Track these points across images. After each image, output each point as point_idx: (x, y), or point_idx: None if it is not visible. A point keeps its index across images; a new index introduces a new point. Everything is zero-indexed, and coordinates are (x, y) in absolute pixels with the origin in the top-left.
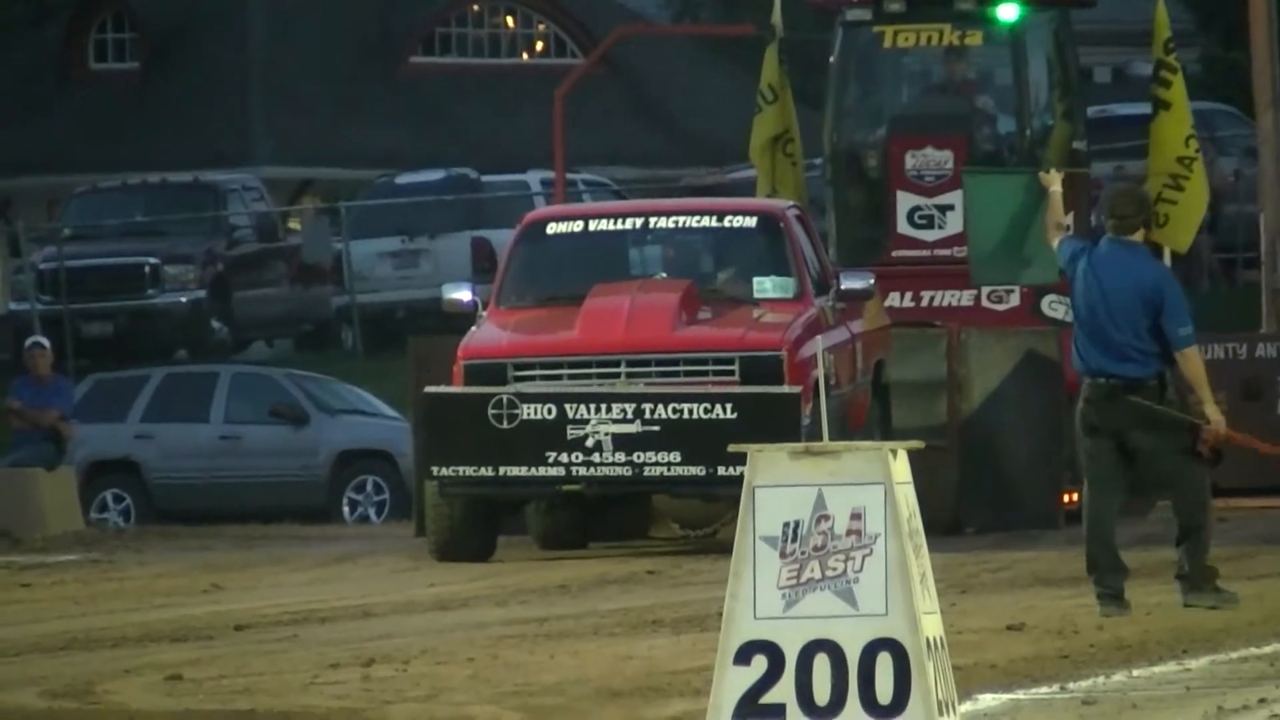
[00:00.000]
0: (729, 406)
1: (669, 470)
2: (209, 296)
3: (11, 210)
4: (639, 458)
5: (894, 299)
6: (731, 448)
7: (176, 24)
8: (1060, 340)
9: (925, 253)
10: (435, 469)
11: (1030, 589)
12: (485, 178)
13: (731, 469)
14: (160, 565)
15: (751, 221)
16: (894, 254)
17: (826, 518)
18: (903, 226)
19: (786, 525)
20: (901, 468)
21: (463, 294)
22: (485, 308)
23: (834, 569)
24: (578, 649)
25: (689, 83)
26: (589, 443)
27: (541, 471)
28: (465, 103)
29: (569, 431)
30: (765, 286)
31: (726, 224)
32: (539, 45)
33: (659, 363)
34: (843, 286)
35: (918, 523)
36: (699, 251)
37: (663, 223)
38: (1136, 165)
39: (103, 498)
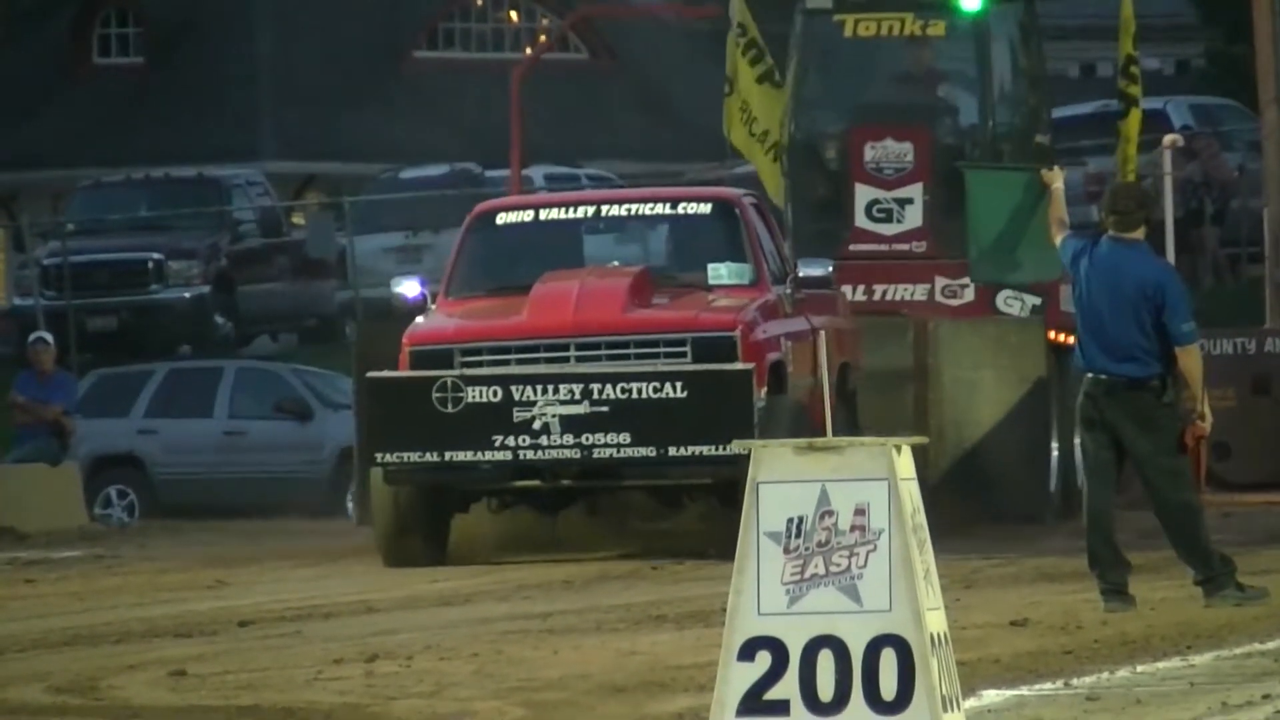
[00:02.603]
0: (679, 385)
1: (619, 452)
2: (213, 291)
3: (16, 205)
4: (588, 439)
5: (846, 292)
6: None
7: (181, 19)
8: (1044, 334)
9: (884, 247)
10: (379, 455)
11: (1034, 584)
12: (489, 172)
13: (683, 449)
14: (164, 561)
15: (706, 208)
16: (852, 247)
17: (830, 513)
18: (861, 220)
19: (790, 521)
20: (905, 463)
21: (410, 288)
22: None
23: (838, 565)
24: (581, 644)
25: (693, 76)
26: (536, 425)
27: (488, 455)
28: (468, 97)
29: (515, 414)
30: (720, 273)
31: (681, 210)
32: (542, 40)
33: (609, 345)
34: (801, 274)
35: (921, 518)
36: (654, 239)
37: (615, 210)
38: (1139, 159)
39: (107, 493)
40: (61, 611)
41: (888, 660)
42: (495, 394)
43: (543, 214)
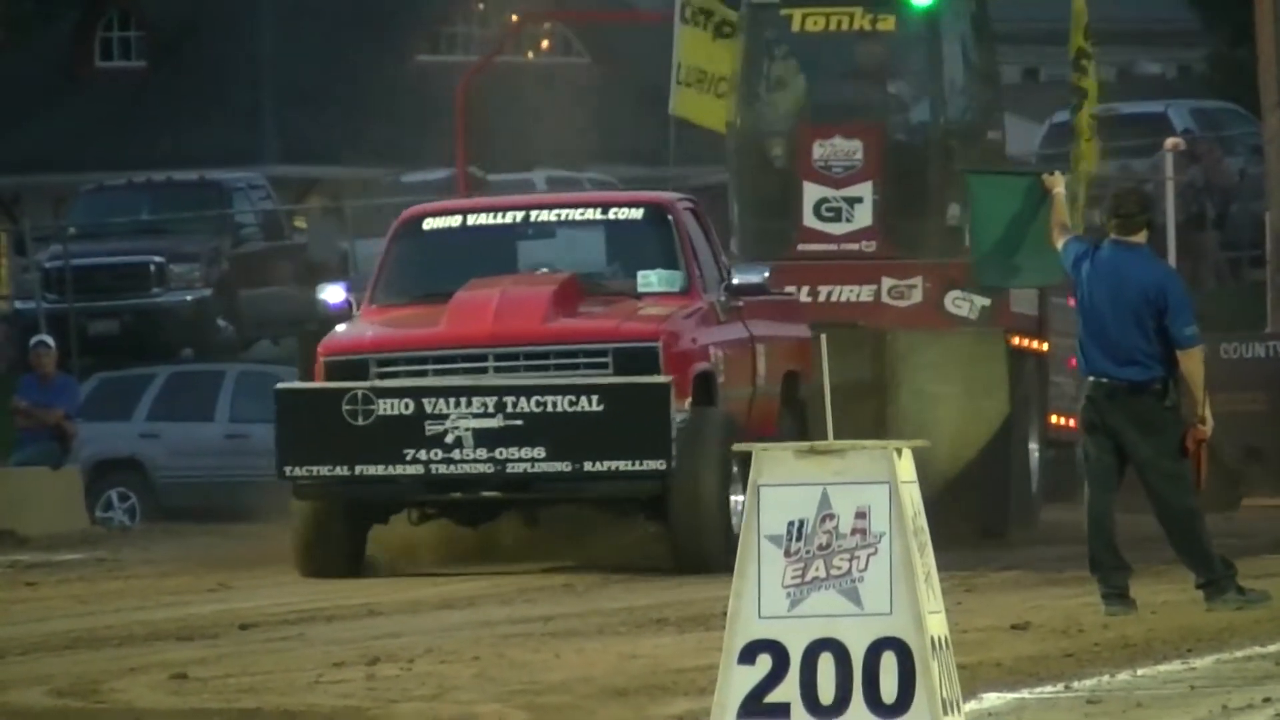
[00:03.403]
0: (595, 398)
1: (533, 466)
2: (215, 295)
3: (18, 208)
4: (501, 454)
5: (790, 292)
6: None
7: (183, 22)
8: (1005, 344)
9: (832, 246)
10: (288, 469)
11: (1035, 588)
12: (491, 176)
13: (599, 464)
14: (166, 564)
15: (638, 213)
16: (800, 247)
17: (831, 516)
18: (809, 219)
19: (791, 524)
20: (906, 466)
21: (334, 294)
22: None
23: (839, 568)
24: (583, 647)
25: None
26: (449, 439)
27: (400, 470)
28: (471, 101)
29: (428, 427)
30: (650, 280)
31: (612, 216)
32: (544, 44)
33: (528, 356)
34: (734, 281)
35: (922, 521)
36: (586, 245)
37: (545, 216)
38: (1141, 163)
39: (108, 496)
40: (63, 614)
41: (888, 663)
42: (407, 407)
43: (471, 220)
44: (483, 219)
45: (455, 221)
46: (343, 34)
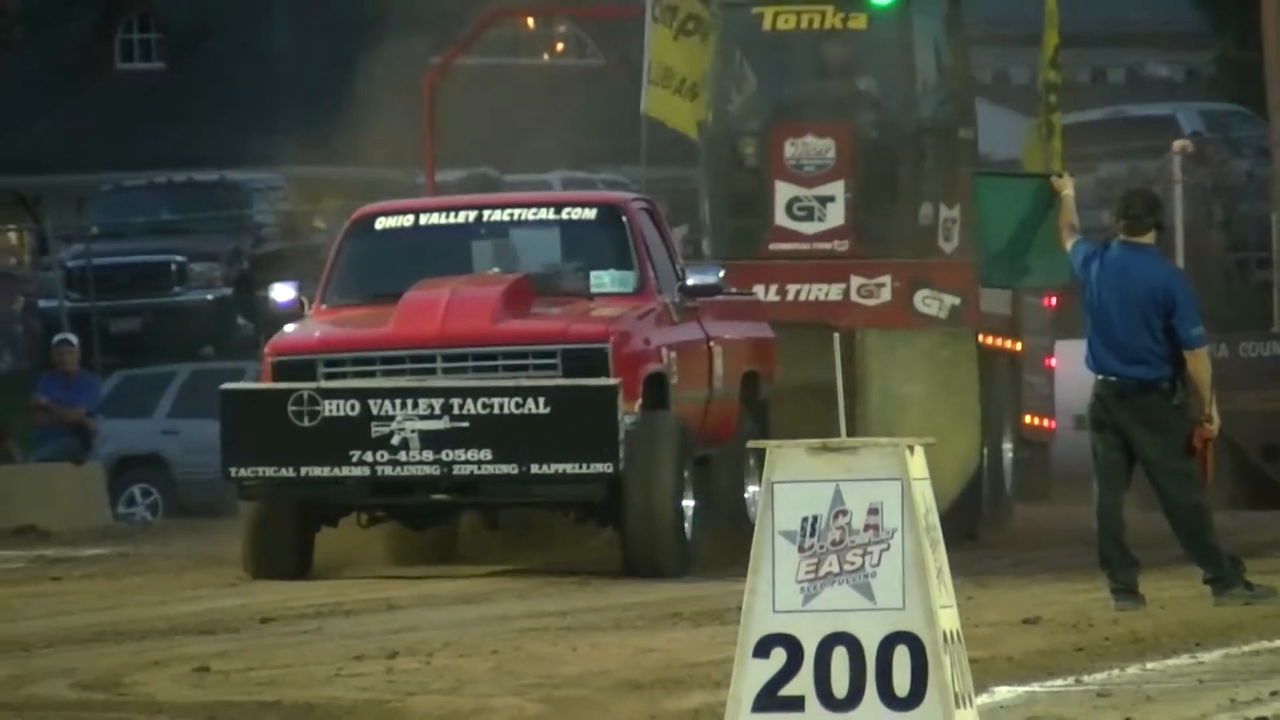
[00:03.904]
0: (542, 400)
1: (479, 469)
2: (234, 294)
3: (39, 208)
4: (447, 455)
5: (759, 292)
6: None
7: (200, 25)
8: (974, 345)
9: (804, 246)
10: (233, 470)
11: (1045, 584)
12: (506, 177)
13: (545, 467)
14: (186, 559)
15: (591, 213)
16: (772, 247)
17: (844, 513)
18: (781, 218)
19: (805, 520)
20: (918, 464)
21: (284, 293)
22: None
23: (852, 563)
24: (599, 642)
25: None
26: (395, 440)
27: (345, 471)
28: (485, 102)
29: (374, 429)
30: (603, 280)
31: (565, 216)
32: (559, 46)
33: (476, 357)
34: (688, 282)
35: (934, 518)
36: (539, 245)
37: (497, 215)
38: (1150, 166)
39: (130, 492)
40: (86, 609)
41: (901, 657)
42: (353, 408)
43: (423, 219)
44: (435, 219)
45: (408, 221)
46: (356, 35)
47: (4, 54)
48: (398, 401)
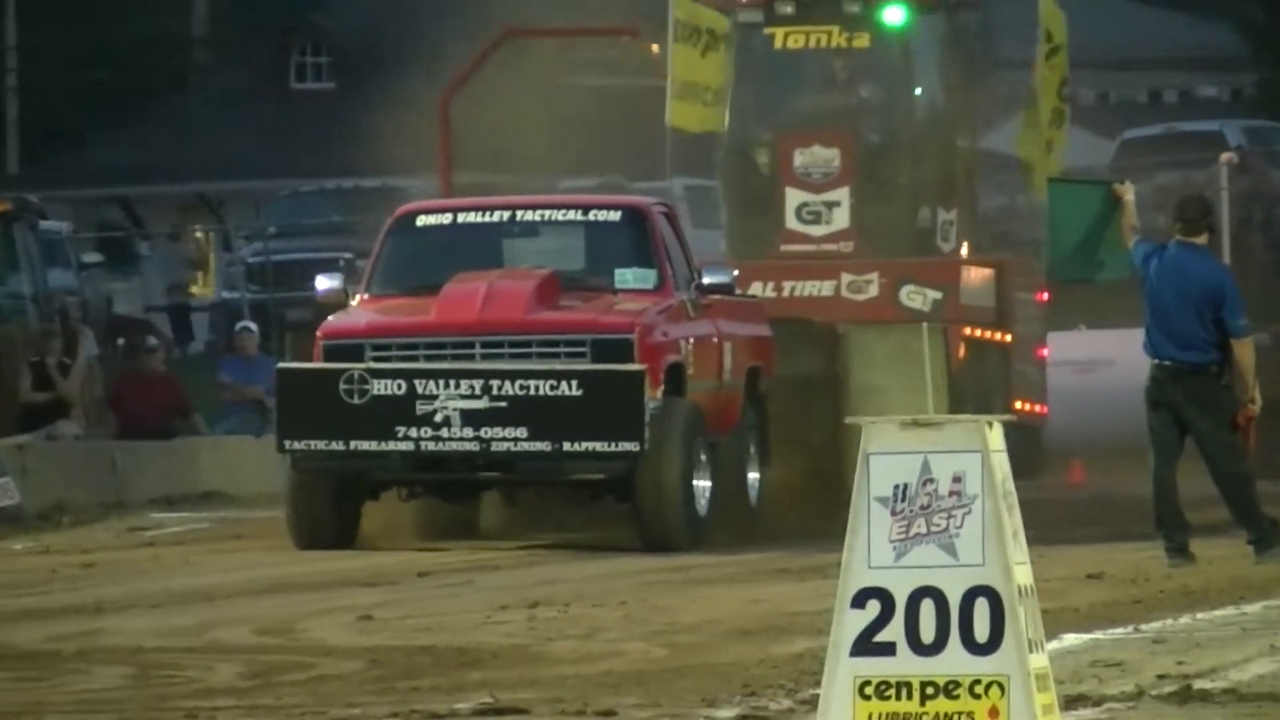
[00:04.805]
0: (574, 383)
1: (515, 445)
2: None
3: (224, 210)
4: (486, 433)
5: (755, 288)
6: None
7: (366, 51)
8: (946, 336)
9: (812, 247)
10: (287, 443)
11: (1107, 543)
12: (636, 184)
13: (577, 445)
14: None
15: (616, 215)
16: (783, 248)
17: (931, 481)
18: (791, 222)
19: (896, 487)
20: (996, 437)
21: (324, 283)
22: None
23: (938, 525)
24: (714, 594)
25: None
26: (438, 418)
27: (390, 446)
28: (618, 115)
29: (418, 407)
30: (626, 277)
31: (591, 217)
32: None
33: (512, 344)
34: (703, 281)
35: (1010, 485)
36: (566, 243)
37: (529, 215)
38: (1200, 175)
39: None
40: (263, 564)
41: (981, 608)
42: (399, 387)
43: (461, 218)
44: (471, 217)
45: (446, 219)
46: (499, 59)
47: (194, 75)
48: (441, 382)
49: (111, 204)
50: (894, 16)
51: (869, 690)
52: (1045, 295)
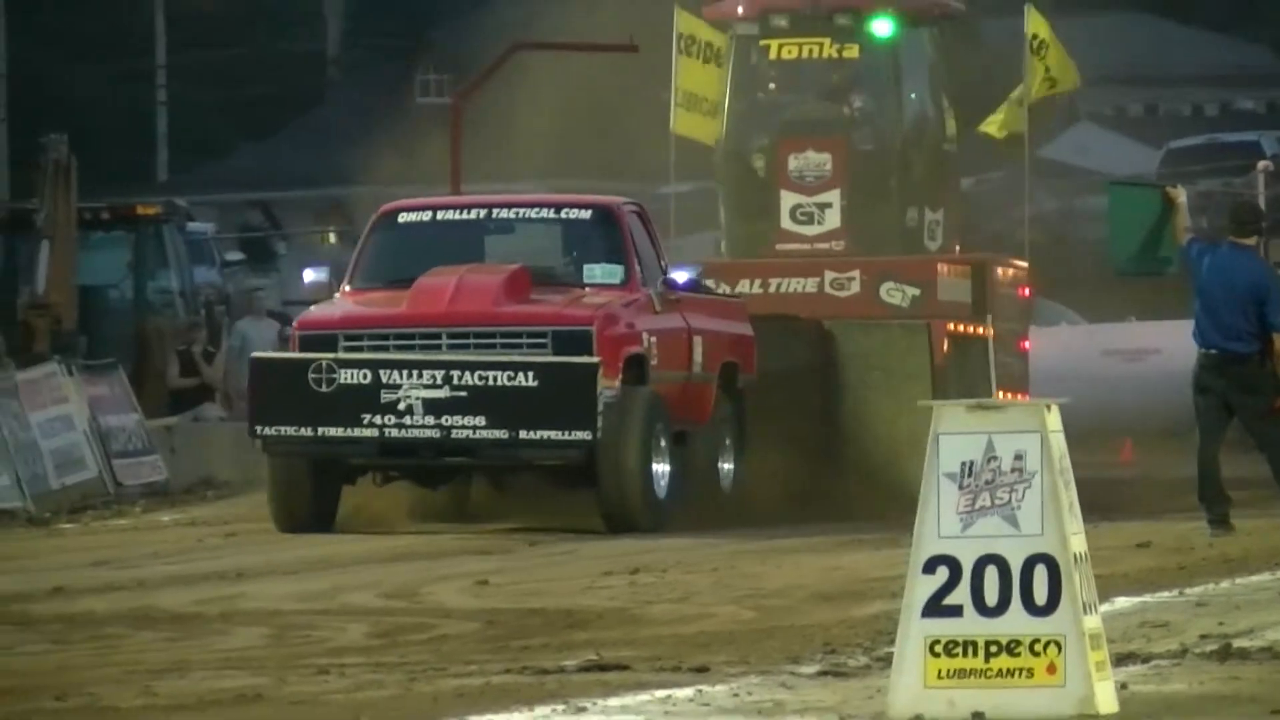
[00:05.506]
0: (531, 374)
1: (475, 433)
2: None
3: (351, 210)
4: (447, 420)
5: (743, 286)
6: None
7: (479, 68)
8: (931, 335)
9: (806, 246)
10: (259, 428)
11: (1154, 515)
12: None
13: (533, 433)
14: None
15: (586, 214)
16: (778, 247)
17: (995, 458)
18: (786, 222)
19: (963, 464)
20: (1054, 419)
21: (310, 276)
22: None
23: (1001, 499)
24: (798, 561)
25: None
26: (401, 406)
27: (356, 433)
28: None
29: (383, 395)
30: (595, 273)
31: (563, 215)
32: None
33: (477, 335)
34: (668, 275)
35: (1067, 462)
36: (540, 240)
37: (504, 213)
38: (1239, 181)
39: None
40: (388, 534)
41: (1040, 574)
42: (365, 376)
43: (440, 215)
44: (450, 215)
45: (426, 216)
46: (604, 78)
47: (328, 91)
48: (404, 372)
49: (252, 208)
50: (882, 29)
51: (938, 648)
52: (1027, 291)
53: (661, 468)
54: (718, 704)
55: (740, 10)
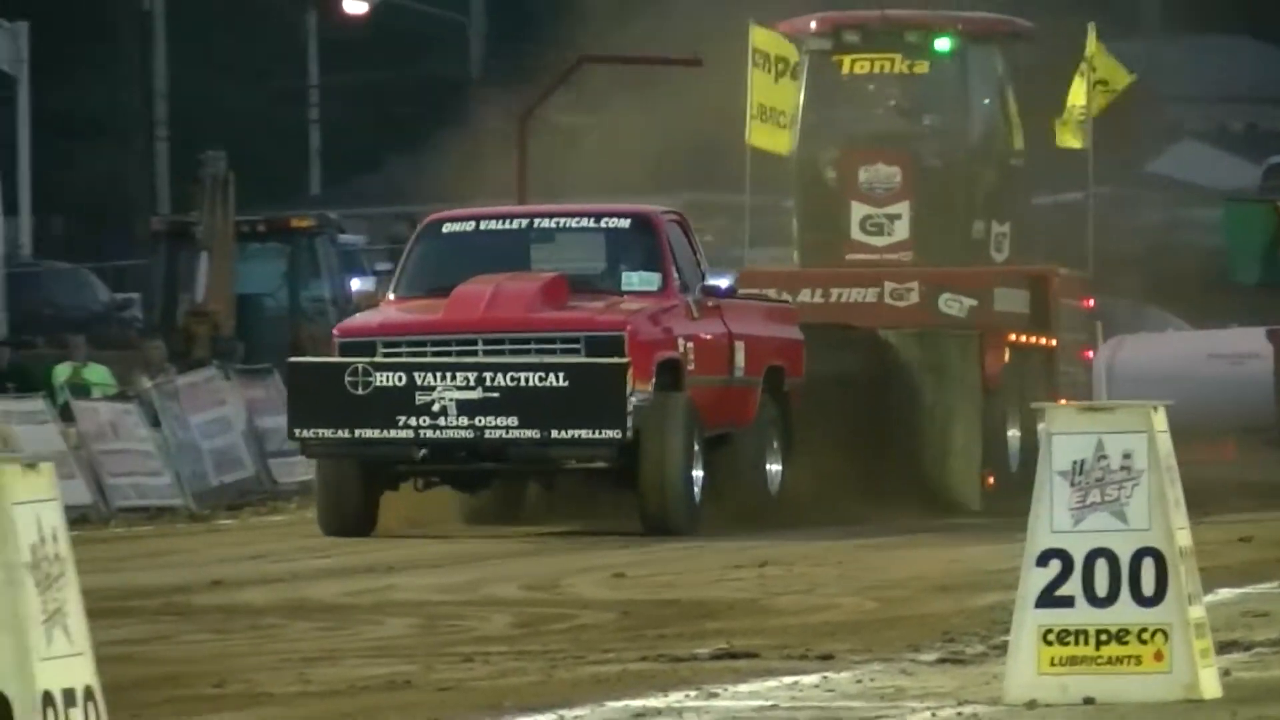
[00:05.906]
0: (562, 375)
1: (507, 433)
2: None
3: None
4: (480, 421)
5: (805, 295)
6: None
7: (608, 87)
8: (983, 344)
9: (875, 256)
10: (297, 431)
11: (1256, 511)
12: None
13: (564, 432)
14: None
15: (625, 223)
16: (848, 257)
17: (1104, 457)
18: (855, 233)
19: (1075, 462)
20: (1160, 420)
21: (366, 286)
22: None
23: (1110, 495)
24: (918, 555)
25: None
26: (435, 408)
27: (392, 434)
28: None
29: (417, 397)
30: (632, 280)
31: (603, 225)
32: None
33: (513, 341)
34: (706, 283)
35: (1173, 461)
36: (581, 249)
37: (545, 223)
38: None
39: None
40: (526, 531)
41: (1148, 567)
42: (400, 379)
43: (483, 225)
44: (493, 225)
45: (469, 226)
46: (687, 93)
47: (471, 110)
48: (438, 374)
49: (401, 220)
50: (941, 44)
51: (1051, 637)
52: (1091, 302)
53: (696, 473)
54: (842, 690)
55: (813, 26)
